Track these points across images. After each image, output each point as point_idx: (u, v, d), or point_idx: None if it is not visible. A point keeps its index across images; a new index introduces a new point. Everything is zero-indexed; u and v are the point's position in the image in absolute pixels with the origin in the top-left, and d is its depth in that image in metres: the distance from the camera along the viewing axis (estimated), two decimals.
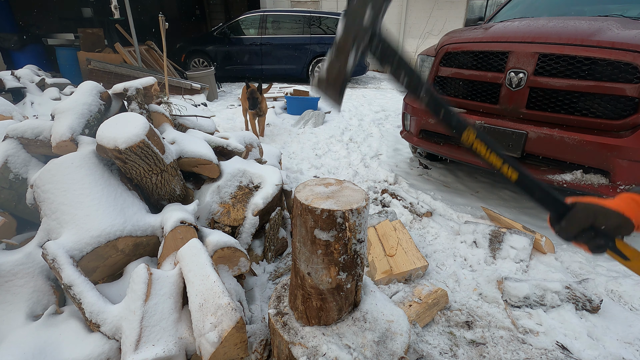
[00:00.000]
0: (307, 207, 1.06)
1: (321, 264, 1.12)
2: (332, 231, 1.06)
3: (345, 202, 1.08)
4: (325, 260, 1.11)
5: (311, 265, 1.13)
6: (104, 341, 1.27)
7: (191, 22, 12.44)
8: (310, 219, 1.06)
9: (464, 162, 2.78)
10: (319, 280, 1.14)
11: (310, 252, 1.12)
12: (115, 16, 6.42)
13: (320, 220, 1.05)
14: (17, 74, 4.91)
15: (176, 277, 1.36)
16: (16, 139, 1.78)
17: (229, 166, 2.14)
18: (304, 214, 1.08)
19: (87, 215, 1.49)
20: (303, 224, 1.10)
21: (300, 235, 1.13)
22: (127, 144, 1.49)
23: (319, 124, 5.07)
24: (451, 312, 1.84)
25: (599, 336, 1.70)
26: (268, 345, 1.47)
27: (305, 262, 1.15)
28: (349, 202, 1.08)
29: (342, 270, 1.13)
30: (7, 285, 1.42)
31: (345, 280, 1.15)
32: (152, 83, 2.29)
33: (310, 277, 1.15)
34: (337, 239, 1.07)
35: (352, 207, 1.05)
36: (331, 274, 1.12)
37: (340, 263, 1.11)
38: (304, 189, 1.17)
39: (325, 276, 1.13)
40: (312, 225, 1.07)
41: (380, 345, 1.16)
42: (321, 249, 1.09)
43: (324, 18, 8.23)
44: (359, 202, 1.08)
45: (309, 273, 1.15)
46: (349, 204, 1.07)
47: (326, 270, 1.12)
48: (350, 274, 1.16)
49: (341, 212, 1.04)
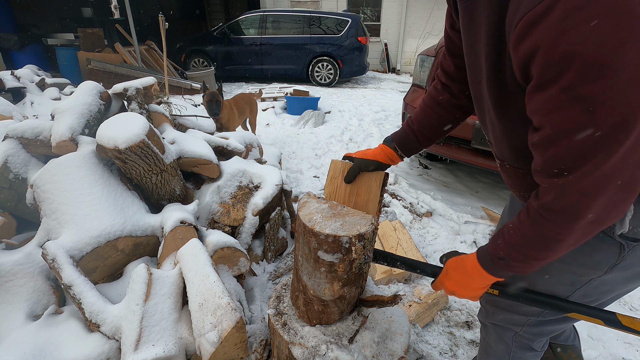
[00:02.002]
0: (310, 229, 0.98)
1: (324, 279, 1.06)
2: (337, 254, 0.99)
3: (352, 224, 1.00)
4: (328, 276, 1.05)
5: (313, 279, 1.09)
6: (104, 341, 1.27)
7: (191, 22, 12.45)
8: (314, 241, 0.99)
9: (464, 162, 2.78)
10: (322, 292, 1.09)
11: (312, 269, 1.06)
12: (115, 16, 6.42)
13: (325, 243, 0.98)
14: (17, 74, 4.91)
15: (176, 277, 1.36)
16: (16, 139, 1.78)
17: (229, 166, 2.14)
18: (307, 235, 1.01)
19: (87, 215, 1.49)
20: (306, 244, 1.03)
21: (303, 252, 1.07)
22: (127, 143, 1.49)
23: (318, 124, 5.07)
24: (451, 312, 1.84)
25: (599, 336, 1.70)
26: (268, 345, 1.47)
27: (308, 275, 1.10)
28: (356, 225, 0.99)
29: (345, 285, 1.07)
30: (7, 285, 1.41)
31: (348, 291, 1.11)
32: (152, 83, 2.29)
33: (313, 288, 1.10)
34: (341, 260, 1.01)
35: (360, 231, 0.97)
36: (334, 288, 1.07)
37: (344, 278, 1.05)
38: (306, 206, 1.08)
39: (328, 290, 1.08)
40: (315, 247, 1.00)
41: (380, 345, 1.16)
42: (324, 267, 1.03)
43: (324, 18, 8.23)
44: (367, 226, 1.00)
45: (311, 285, 1.10)
46: (356, 226, 0.99)
47: (329, 285, 1.07)
48: (354, 285, 1.12)
49: (347, 238, 0.96)
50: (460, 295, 0.88)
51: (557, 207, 0.62)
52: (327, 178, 1.18)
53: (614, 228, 0.71)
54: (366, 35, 8.30)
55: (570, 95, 0.54)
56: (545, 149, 0.61)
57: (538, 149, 0.63)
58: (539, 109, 0.60)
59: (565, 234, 0.64)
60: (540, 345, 1.08)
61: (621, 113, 0.51)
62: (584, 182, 0.58)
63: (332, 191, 1.16)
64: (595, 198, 0.58)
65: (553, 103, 0.56)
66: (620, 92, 0.51)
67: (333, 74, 8.29)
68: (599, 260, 0.78)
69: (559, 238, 0.65)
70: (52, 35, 7.23)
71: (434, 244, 2.42)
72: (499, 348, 1.11)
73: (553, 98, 0.56)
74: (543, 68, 0.56)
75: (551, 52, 0.53)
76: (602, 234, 0.74)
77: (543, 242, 0.67)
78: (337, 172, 1.16)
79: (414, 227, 2.63)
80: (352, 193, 1.13)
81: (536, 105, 0.60)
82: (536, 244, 0.69)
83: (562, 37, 0.51)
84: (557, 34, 0.52)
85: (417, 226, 2.64)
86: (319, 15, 8.28)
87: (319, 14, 8.34)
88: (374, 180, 1.09)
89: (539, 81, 0.57)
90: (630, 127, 0.52)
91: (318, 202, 1.12)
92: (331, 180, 1.17)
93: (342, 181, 1.14)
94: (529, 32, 0.55)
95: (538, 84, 0.58)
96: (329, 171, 1.18)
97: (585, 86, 0.52)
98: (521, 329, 1.02)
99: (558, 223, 0.63)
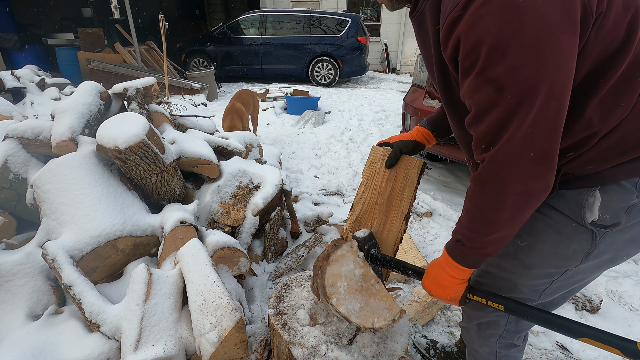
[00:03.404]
0: (327, 297, 0.93)
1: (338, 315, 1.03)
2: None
3: (372, 311, 0.93)
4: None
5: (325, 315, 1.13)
6: (104, 341, 1.27)
7: (191, 22, 12.44)
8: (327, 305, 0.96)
9: (464, 162, 2.78)
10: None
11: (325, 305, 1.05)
12: (115, 16, 6.42)
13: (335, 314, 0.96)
14: (17, 74, 4.91)
15: (176, 277, 1.36)
16: (16, 139, 1.78)
17: (229, 166, 2.14)
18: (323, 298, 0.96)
19: (87, 215, 1.49)
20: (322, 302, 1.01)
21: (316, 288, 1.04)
22: (127, 143, 1.49)
23: (318, 124, 5.07)
24: (451, 312, 1.84)
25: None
26: (268, 345, 1.47)
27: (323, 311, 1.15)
28: (375, 314, 0.92)
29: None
30: (7, 285, 1.41)
31: None
32: (152, 83, 2.28)
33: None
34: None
35: (374, 325, 0.92)
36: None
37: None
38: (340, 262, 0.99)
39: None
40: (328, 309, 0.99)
41: (380, 345, 1.16)
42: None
43: (324, 18, 8.23)
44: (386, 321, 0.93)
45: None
46: (373, 316, 0.93)
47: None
48: None
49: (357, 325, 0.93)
50: (437, 295, 0.88)
51: (483, 177, 0.71)
52: (367, 163, 1.21)
53: (585, 216, 0.76)
54: (366, 35, 8.30)
55: (483, 78, 0.64)
56: (475, 128, 0.71)
57: (471, 129, 0.73)
58: (465, 93, 0.70)
59: (497, 204, 0.70)
60: (522, 340, 1.11)
61: (523, 89, 0.61)
62: (502, 153, 0.66)
63: (370, 176, 1.18)
64: (513, 166, 0.66)
65: (472, 86, 0.66)
66: (520, 72, 0.60)
67: (333, 74, 8.28)
68: (575, 250, 0.80)
69: (494, 207, 0.71)
70: (52, 35, 7.23)
71: (434, 244, 2.42)
72: (483, 351, 1.12)
73: (472, 82, 0.66)
74: (462, 57, 0.66)
75: (467, 42, 0.63)
76: (575, 224, 0.79)
77: (482, 214, 0.74)
78: (377, 158, 1.18)
79: (414, 227, 2.63)
80: (390, 179, 1.15)
81: (464, 90, 0.70)
82: (477, 218, 0.75)
83: (473, 28, 0.62)
84: (469, 26, 0.62)
85: (417, 226, 2.64)
86: (319, 15, 8.28)
87: (319, 14, 8.34)
88: (413, 168, 1.14)
89: (462, 68, 0.68)
90: (532, 101, 0.61)
91: (355, 263, 1.02)
92: (370, 165, 1.19)
93: (381, 166, 1.17)
94: (451, 31, 0.66)
95: (462, 71, 0.68)
96: (369, 157, 1.21)
97: (493, 68, 0.62)
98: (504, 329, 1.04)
99: (487, 193, 0.71)
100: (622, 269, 2.16)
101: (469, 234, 0.77)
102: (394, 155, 1.14)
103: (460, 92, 0.72)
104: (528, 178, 0.66)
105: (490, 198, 0.71)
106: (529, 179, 0.66)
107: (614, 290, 1.99)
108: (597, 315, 1.82)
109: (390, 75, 10.76)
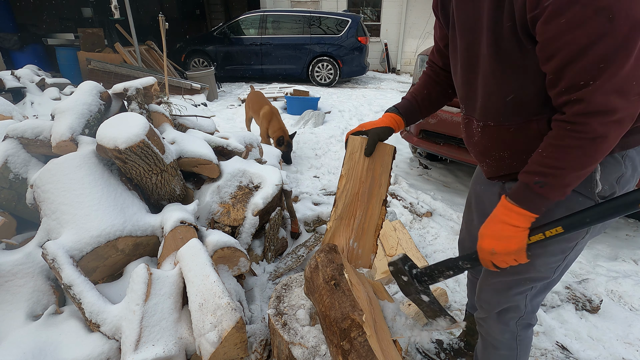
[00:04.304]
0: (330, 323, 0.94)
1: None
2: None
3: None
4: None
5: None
6: (104, 341, 1.27)
7: (191, 22, 12.44)
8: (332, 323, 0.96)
9: (464, 162, 2.78)
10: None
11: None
12: (115, 16, 6.41)
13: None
14: (17, 74, 4.91)
15: (176, 277, 1.36)
16: (16, 139, 1.78)
17: (229, 166, 2.14)
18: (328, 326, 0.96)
19: (87, 215, 1.49)
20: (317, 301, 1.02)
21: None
22: (127, 144, 1.49)
23: (318, 124, 5.07)
24: (451, 312, 1.84)
25: (599, 336, 1.70)
26: (268, 345, 1.47)
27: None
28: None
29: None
30: (7, 285, 1.42)
31: None
32: (152, 83, 2.29)
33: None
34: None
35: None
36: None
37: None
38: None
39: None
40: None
41: None
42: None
43: (324, 18, 8.23)
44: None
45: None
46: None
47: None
48: None
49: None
50: (504, 249, 0.85)
51: (591, 109, 0.68)
52: (346, 155, 1.20)
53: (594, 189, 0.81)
54: (366, 35, 8.30)
55: (592, 8, 0.62)
56: (571, 67, 0.68)
57: (560, 72, 0.71)
58: (557, 34, 0.67)
59: (606, 132, 0.69)
60: (535, 320, 1.13)
61: (633, 17, 0.62)
62: (611, 83, 0.66)
63: (351, 167, 1.18)
64: (622, 95, 0.66)
65: (576, 20, 0.64)
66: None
67: (333, 74, 8.28)
68: None
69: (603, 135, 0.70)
70: (52, 35, 7.23)
71: (434, 244, 2.42)
72: (504, 338, 1.12)
73: (576, 15, 0.64)
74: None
75: None
76: (582, 197, 0.84)
77: (586, 147, 0.72)
78: (356, 148, 1.18)
79: (414, 227, 2.63)
80: (369, 168, 1.17)
81: (553, 31, 0.68)
82: (578, 152, 0.73)
83: None
84: None
85: (417, 226, 2.64)
86: (319, 16, 8.28)
87: (319, 14, 8.34)
88: (387, 154, 1.17)
89: (557, 6, 0.65)
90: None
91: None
92: (350, 156, 1.19)
93: (360, 156, 1.17)
94: None
95: (556, 9, 0.65)
96: (347, 148, 1.20)
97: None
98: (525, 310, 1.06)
99: (593, 125, 0.69)
100: (622, 269, 2.16)
101: (555, 172, 0.75)
102: (372, 143, 1.15)
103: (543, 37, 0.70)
104: (629, 106, 0.68)
105: (597, 128, 0.69)
106: (630, 107, 0.68)
107: (614, 290, 1.99)
108: (597, 315, 1.82)
109: (390, 75, 10.77)
